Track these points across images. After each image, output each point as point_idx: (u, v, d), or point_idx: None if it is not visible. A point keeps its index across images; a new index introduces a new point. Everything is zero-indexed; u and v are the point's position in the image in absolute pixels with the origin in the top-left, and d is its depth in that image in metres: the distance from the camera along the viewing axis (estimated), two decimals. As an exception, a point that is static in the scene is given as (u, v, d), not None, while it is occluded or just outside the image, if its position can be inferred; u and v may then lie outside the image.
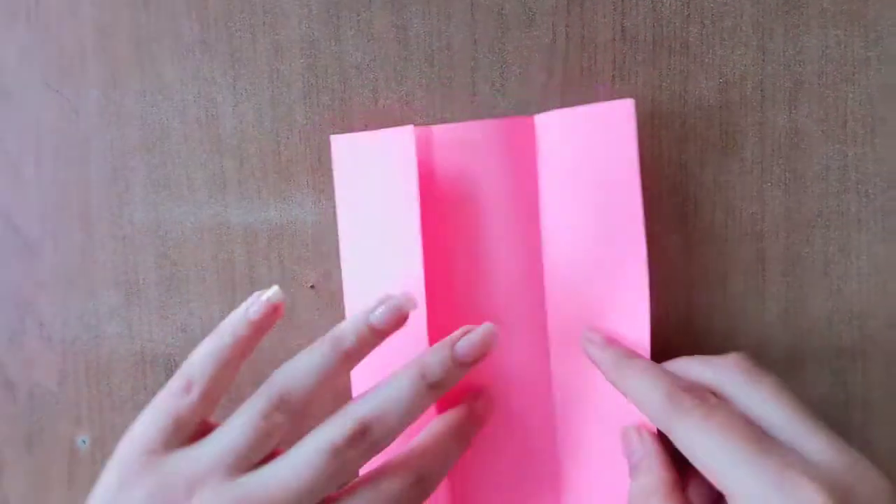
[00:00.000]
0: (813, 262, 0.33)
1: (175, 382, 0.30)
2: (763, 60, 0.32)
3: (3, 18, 0.38)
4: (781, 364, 0.34)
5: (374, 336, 0.29)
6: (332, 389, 0.29)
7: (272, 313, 0.30)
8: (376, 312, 0.29)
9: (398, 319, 0.29)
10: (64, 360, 0.38)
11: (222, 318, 0.36)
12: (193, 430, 0.30)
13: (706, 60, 0.33)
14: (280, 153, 0.36)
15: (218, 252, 0.36)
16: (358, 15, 0.34)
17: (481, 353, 0.29)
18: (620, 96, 0.33)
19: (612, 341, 0.31)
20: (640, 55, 0.33)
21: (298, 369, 0.29)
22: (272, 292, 0.30)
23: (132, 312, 0.37)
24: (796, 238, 0.33)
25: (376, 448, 0.28)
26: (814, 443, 0.26)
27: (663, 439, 0.29)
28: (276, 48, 0.35)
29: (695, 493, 0.29)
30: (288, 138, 0.35)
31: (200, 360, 0.30)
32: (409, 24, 0.34)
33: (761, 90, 0.33)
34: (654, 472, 0.29)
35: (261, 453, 0.28)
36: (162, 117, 0.36)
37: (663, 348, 0.32)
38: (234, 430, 0.29)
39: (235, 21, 0.35)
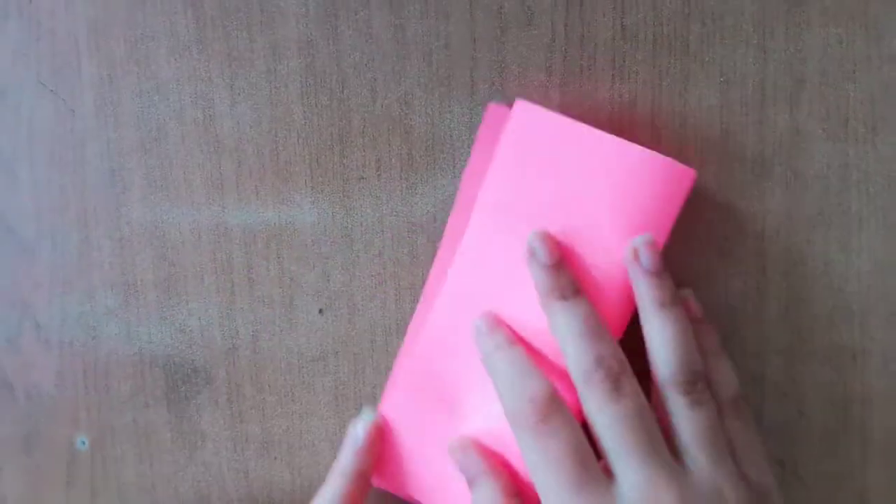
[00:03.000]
0: (814, 261, 0.33)
1: None
2: (764, 59, 0.32)
3: (-3, 16, 0.37)
4: (781, 363, 0.34)
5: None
6: None
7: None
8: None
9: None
10: (62, 362, 0.38)
11: (220, 318, 0.36)
12: None
13: (706, 59, 0.33)
14: (278, 154, 0.35)
15: (216, 253, 0.36)
16: (356, 14, 0.34)
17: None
18: (620, 96, 0.33)
19: (496, 328, 0.31)
20: (640, 54, 0.33)
21: None
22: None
23: (130, 313, 0.37)
24: (797, 237, 0.33)
25: None
26: (629, 477, 0.27)
27: None
28: (274, 48, 0.35)
29: None
30: (286, 139, 0.35)
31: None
32: (407, 24, 0.34)
33: (762, 89, 0.32)
34: (488, 485, 0.30)
35: None
36: (159, 117, 0.36)
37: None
38: None
39: (232, 20, 0.35)
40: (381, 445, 0.34)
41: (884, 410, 0.34)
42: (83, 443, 0.38)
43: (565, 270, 0.30)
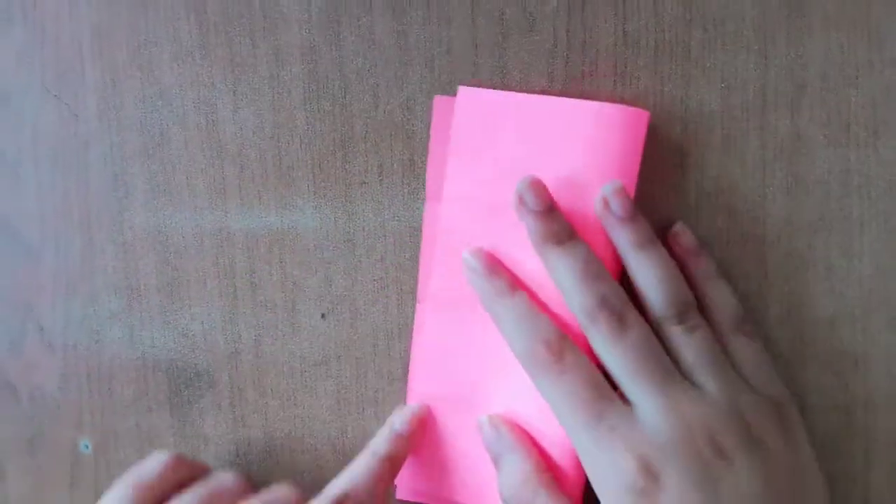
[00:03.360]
0: (815, 266, 0.33)
1: None
2: (765, 65, 0.32)
3: (1, 21, 0.37)
4: (783, 367, 0.34)
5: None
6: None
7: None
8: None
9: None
10: (65, 365, 0.38)
11: (223, 322, 0.36)
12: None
13: (708, 65, 0.33)
14: (281, 159, 0.36)
15: (219, 257, 0.36)
16: (358, 20, 0.34)
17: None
18: (622, 101, 0.33)
19: (495, 272, 0.32)
20: (641, 60, 0.33)
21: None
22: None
23: (133, 317, 0.37)
24: (798, 241, 0.33)
25: None
26: (649, 401, 0.28)
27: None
28: (277, 54, 0.35)
29: None
30: (289, 144, 0.35)
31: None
32: (409, 30, 0.34)
33: (763, 94, 0.33)
34: (517, 465, 0.31)
35: None
36: (162, 122, 0.36)
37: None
38: None
39: (235, 26, 0.35)
40: (419, 436, 0.34)
41: (886, 414, 0.34)
42: (86, 446, 0.38)
43: (558, 215, 0.31)
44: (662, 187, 0.33)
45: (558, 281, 0.30)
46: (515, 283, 0.32)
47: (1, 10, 0.37)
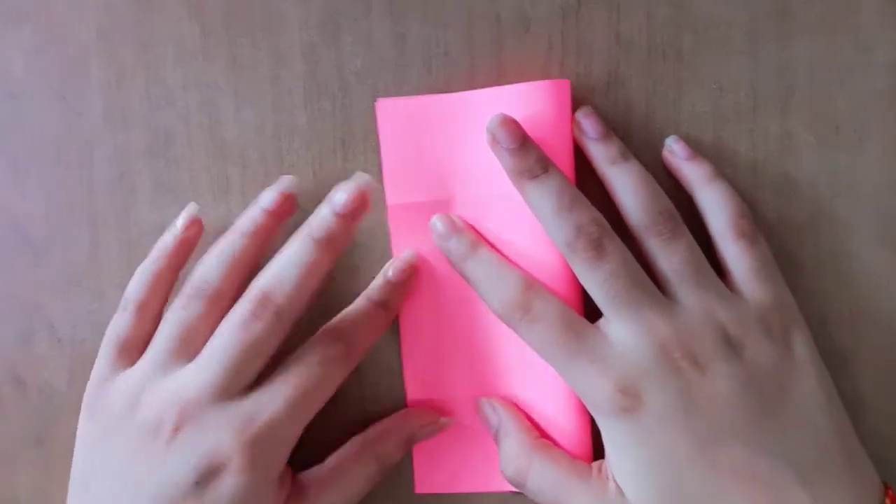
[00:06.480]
0: (804, 265, 0.34)
1: (117, 311, 0.34)
2: (755, 68, 0.33)
3: (9, 22, 0.38)
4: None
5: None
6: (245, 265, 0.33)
7: (193, 226, 0.34)
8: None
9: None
10: (73, 360, 0.39)
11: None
12: (138, 350, 0.33)
13: (699, 68, 0.33)
14: (282, 158, 0.36)
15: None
16: (357, 22, 0.35)
17: (356, 204, 0.32)
18: (615, 103, 0.34)
19: (459, 229, 0.33)
20: (634, 62, 0.33)
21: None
22: (189, 208, 0.35)
23: (138, 313, 0.38)
24: (788, 241, 0.34)
25: (282, 317, 0.31)
26: (621, 329, 0.29)
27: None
28: (278, 55, 0.36)
29: None
30: (290, 143, 0.36)
31: (134, 280, 0.34)
32: (407, 32, 0.35)
33: (754, 97, 0.33)
34: (513, 435, 0.33)
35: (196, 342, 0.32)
36: (166, 122, 0.37)
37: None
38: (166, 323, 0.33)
39: (237, 28, 0.36)
40: (411, 285, 0.35)
41: (875, 415, 0.34)
42: (93, 438, 0.39)
43: (531, 148, 0.31)
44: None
45: (538, 215, 0.31)
46: (479, 240, 0.33)
47: (8, 12, 0.38)
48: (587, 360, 0.29)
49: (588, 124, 0.32)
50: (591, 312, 0.31)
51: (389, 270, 0.34)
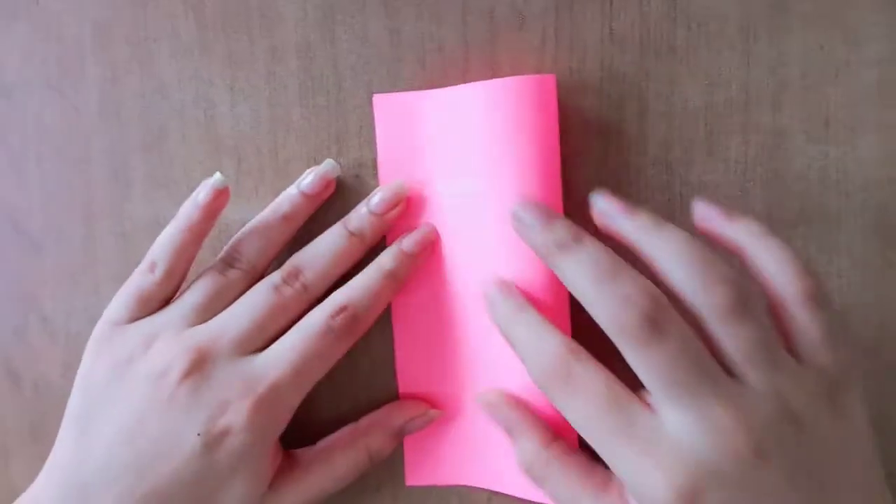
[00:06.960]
0: (796, 259, 0.34)
1: (141, 265, 0.34)
2: (747, 63, 0.33)
3: (5, 17, 0.38)
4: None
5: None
6: (279, 245, 0.35)
7: (218, 198, 0.34)
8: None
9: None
10: (68, 354, 0.39)
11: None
12: (157, 305, 0.34)
13: (692, 63, 0.33)
14: (277, 153, 0.36)
15: (217, 249, 0.37)
16: (352, 18, 0.35)
17: (392, 205, 0.34)
18: (609, 97, 0.34)
19: (511, 292, 0.31)
20: (627, 57, 0.34)
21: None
22: (215, 179, 0.34)
23: (134, 307, 0.38)
24: (778, 235, 0.34)
25: (308, 291, 0.33)
26: (680, 415, 0.26)
27: None
28: (273, 50, 0.36)
29: None
30: (285, 138, 0.36)
31: (161, 243, 0.34)
32: (401, 27, 0.35)
33: (746, 92, 0.33)
34: (528, 435, 0.31)
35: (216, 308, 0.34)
36: (161, 117, 0.37)
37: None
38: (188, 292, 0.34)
39: (232, 24, 0.36)
40: (425, 257, 0.35)
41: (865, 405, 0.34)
42: (88, 432, 0.39)
43: (557, 221, 0.29)
44: (648, 183, 0.34)
45: (578, 294, 0.28)
46: (525, 301, 0.31)
47: (5, 7, 0.38)
48: (638, 451, 0.26)
49: (609, 202, 0.29)
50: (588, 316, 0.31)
51: (405, 242, 0.34)
